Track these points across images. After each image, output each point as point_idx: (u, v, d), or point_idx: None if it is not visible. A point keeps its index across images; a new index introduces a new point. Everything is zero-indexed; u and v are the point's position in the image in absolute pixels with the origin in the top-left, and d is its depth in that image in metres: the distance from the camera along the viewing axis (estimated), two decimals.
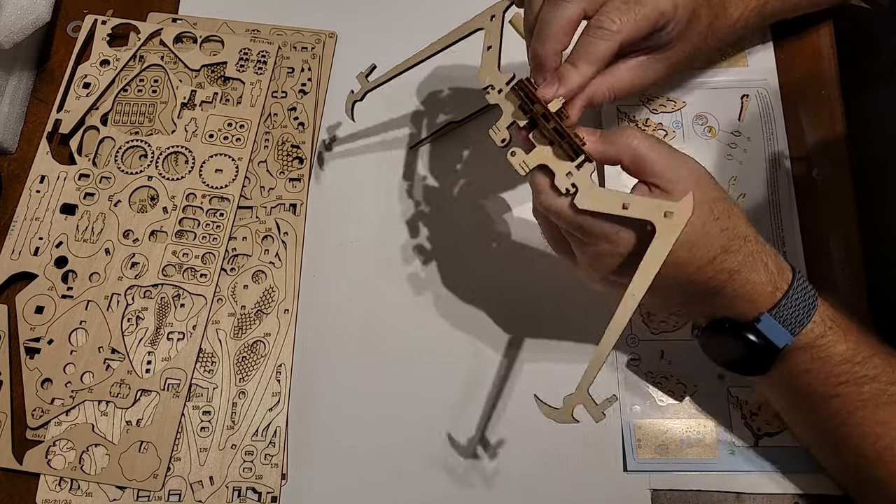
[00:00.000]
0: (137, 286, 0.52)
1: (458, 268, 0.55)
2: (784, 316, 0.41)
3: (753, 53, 0.59)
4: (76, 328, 0.51)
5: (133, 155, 0.56)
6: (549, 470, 0.50)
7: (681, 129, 0.57)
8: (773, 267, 0.42)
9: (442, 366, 0.52)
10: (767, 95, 0.58)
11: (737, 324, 0.42)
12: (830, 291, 0.52)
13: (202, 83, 0.59)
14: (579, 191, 0.39)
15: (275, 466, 0.49)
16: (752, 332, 0.41)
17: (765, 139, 0.57)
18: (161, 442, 0.49)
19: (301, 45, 0.60)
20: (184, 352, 0.51)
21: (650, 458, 0.50)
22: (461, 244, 0.55)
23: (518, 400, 0.51)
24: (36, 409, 0.49)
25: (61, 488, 0.48)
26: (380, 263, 0.55)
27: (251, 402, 0.50)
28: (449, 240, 0.55)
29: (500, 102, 0.43)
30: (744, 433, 0.50)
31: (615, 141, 0.40)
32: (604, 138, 0.40)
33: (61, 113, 0.57)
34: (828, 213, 0.55)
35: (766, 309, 0.41)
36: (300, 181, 0.56)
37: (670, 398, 0.51)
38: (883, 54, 0.63)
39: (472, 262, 0.55)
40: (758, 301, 0.41)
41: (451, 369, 0.52)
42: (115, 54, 0.59)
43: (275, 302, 0.53)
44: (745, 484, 0.49)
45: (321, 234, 0.56)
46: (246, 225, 0.55)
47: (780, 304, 0.41)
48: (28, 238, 0.54)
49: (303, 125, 0.58)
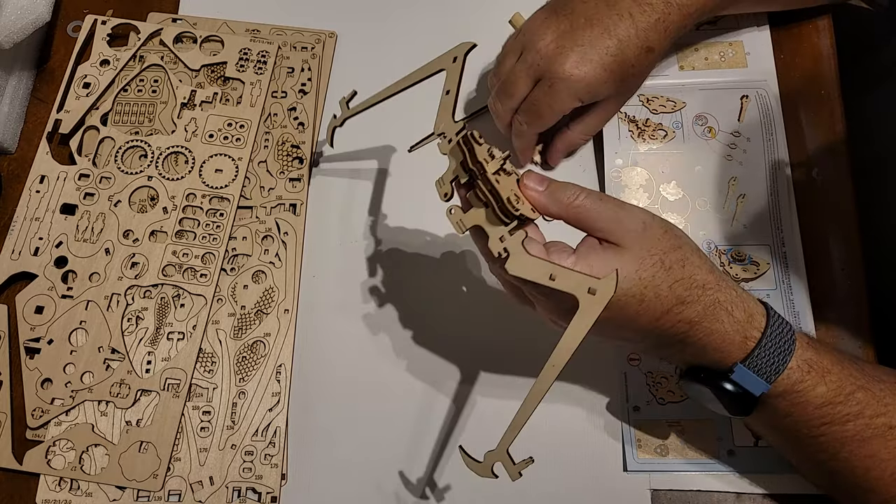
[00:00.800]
0: (137, 286, 0.52)
1: (458, 268, 0.55)
2: (758, 365, 0.40)
3: (753, 54, 0.59)
4: (76, 328, 0.51)
5: (133, 155, 0.56)
6: (549, 470, 0.50)
7: (681, 130, 0.57)
8: (740, 315, 0.40)
9: (443, 364, 0.52)
10: (767, 96, 0.58)
11: (711, 372, 0.41)
12: (830, 291, 0.53)
13: (202, 83, 0.59)
14: (510, 257, 0.38)
15: (275, 466, 0.49)
16: (727, 381, 0.40)
17: (764, 140, 0.57)
18: (161, 442, 0.49)
19: (301, 45, 0.60)
20: (184, 352, 0.51)
21: (650, 458, 0.50)
22: (461, 244, 0.55)
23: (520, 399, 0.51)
24: (36, 409, 0.49)
25: (61, 488, 0.48)
26: (380, 263, 0.55)
27: (251, 402, 0.50)
28: (449, 240, 0.55)
29: (448, 154, 0.42)
30: (744, 433, 0.50)
31: (558, 198, 0.40)
32: (548, 194, 0.40)
33: (61, 113, 0.57)
34: (828, 213, 0.55)
35: (738, 359, 0.40)
36: (300, 181, 0.56)
37: (670, 398, 0.51)
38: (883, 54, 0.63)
39: (473, 261, 0.55)
40: (728, 351, 0.40)
41: (453, 367, 0.52)
42: (115, 54, 0.59)
43: (275, 302, 0.53)
44: (745, 484, 0.49)
45: (321, 234, 0.56)
46: (246, 225, 0.55)
47: (753, 353, 0.40)
48: (28, 238, 0.54)
49: (303, 125, 0.58)
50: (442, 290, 0.54)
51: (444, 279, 0.54)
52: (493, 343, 0.53)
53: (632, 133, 0.57)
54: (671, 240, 0.40)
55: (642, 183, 0.56)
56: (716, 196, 0.55)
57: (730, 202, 0.55)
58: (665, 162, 0.56)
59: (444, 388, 0.52)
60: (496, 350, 0.52)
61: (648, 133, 0.57)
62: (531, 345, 0.53)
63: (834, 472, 0.43)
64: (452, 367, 0.52)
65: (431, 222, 0.56)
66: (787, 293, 0.53)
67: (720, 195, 0.55)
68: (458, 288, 0.54)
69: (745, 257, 0.54)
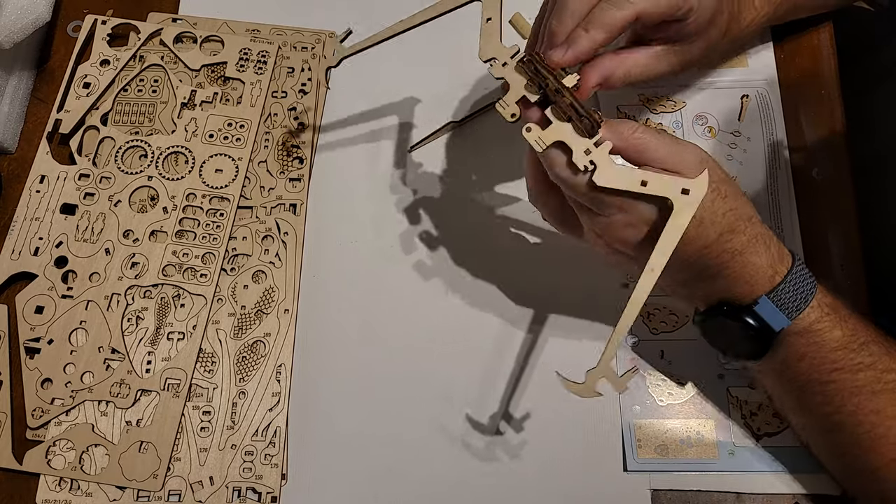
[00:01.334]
0: (137, 286, 0.52)
1: (458, 267, 0.55)
2: (782, 300, 0.41)
3: (753, 54, 0.59)
4: (76, 328, 0.51)
5: (133, 155, 0.56)
6: (548, 470, 0.50)
7: (681, 130, 0.57)
8: (774, 251, 0.42)
9: (441, 367, 0.52)
10: (767, 95, 0.58)
11: (734, 307, 0.42)
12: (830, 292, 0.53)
13: (202, 83, 0.59)
14: (598, 168, 0.39)
15: (275, 466, 0.49)
16: (750, 314, 0.42)
17: (764, 139, 0.57)
18: (161, 442, 0.49)
19: (301, 45, 0.60)
20: (184, 352, 0.51)
21: (650, 458, 0.50)
22: (462, 244, 0.55)
23: (518, 403, 0.51)
24: (36, 409, 0.49)
25: (61, 488, 0.48)
26: (380, 263, 0.55)
27: (251, 402, 0.50)
28: (449, 240, 0.55)
29: (507, 76, 0.42)
30: (744, 433, 0.50)
31: (619, 130, 0.40)
32: (608, 127, 0.40)
33: (61, 113, 0.57)
34: (828, 212, 0.55)
35: (764, 292, 0.41)
36: (300, 181, 0.56)
37: (670, 398, 0.51)
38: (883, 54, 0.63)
39: (473, 261, 0.55)
40: (757, 284, 0.41)
41: (451, 370, 0.52)
42: (115, 54, 0.59)
43: (275, 302, 0.53)
44: (745, 484, 0.49)
45: (321, 234, 0.56)
46: (246, 225, 0.55)
47: (779, 288, 0.41)
48: (28, 238, 0.54)
49: (303, 125, 0.58)
50: (444, 289, 0.54)
51: (444, 279, 0.54)
52: (495, 345, 0.53)
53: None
54: (724, 172, 0.41)
55: None
56: None
57: None
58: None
59: (444, 388, 0.52)
60: (497, 352, 0.52)
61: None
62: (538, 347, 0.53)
63: (836, 428, 0.43)
64: (453, 367, 0.52)
65: (432, 221, 0.56)
66: None
67: None
68: (459, 288, 0.54)
69: None
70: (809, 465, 0.49)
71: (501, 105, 0.42)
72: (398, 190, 0.57)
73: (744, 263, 0.41)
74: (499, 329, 0.53)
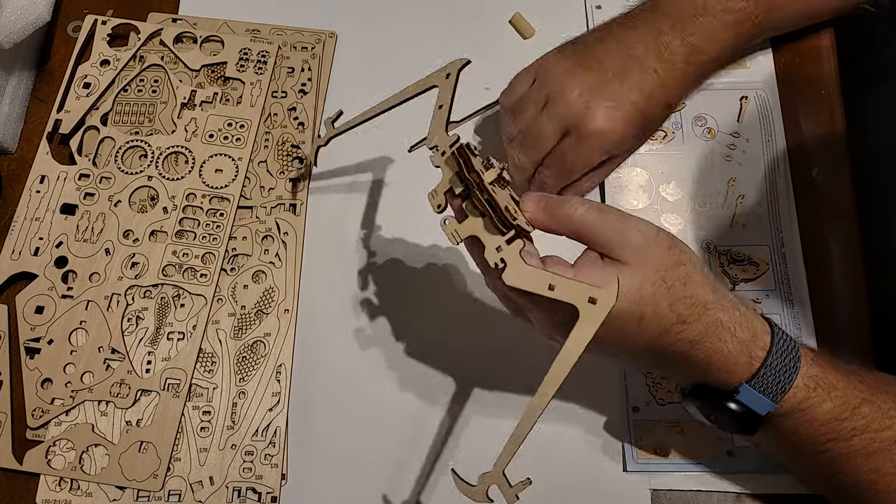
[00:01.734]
0: (137, 286, 0.52)
1: (458, 268, 0.55)
2: (764, 385, 0.39)
3: (752, 55, 0.59)
4: (76, 328, 0.51)
5: (133, 155, 0.56)
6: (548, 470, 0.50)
7: (680, 131, 0.57)
8: (743, 334, 0.40)
9: (443, 364, 0.52)
10: (766, 96, 0.58)
11: (715, 392, 0.41)
12: (830, 292, 0.53)
13: (202, 83, 0.59)
14: (507, 266, 0.37)
15: (275, 466, 0.49)
16: (732, 401, 0.40)
17: (764, 140, 0.57)
18: (161, 442, 0.49)
19: (301, 45, 0.60)
20: (184, 352, 0.51)
21: (650, 458, 0.50)
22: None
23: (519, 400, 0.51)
24: (36, 409, 0.49)
25: (61, 488, 0.48)
26: (380, 263, 0.55)
27: (251, 402, 0.50)
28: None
29: (442, 166, 0.42)
30: None
31: (556, 213, 0.39)
32: (546, 209, 0.39)
33: (61, 113, 0.57)
34: (828, 213, 0.55)
35: (744, 379, 0.39)
36: (300, 181, 0.56)
37: (670, 399, 0.51)
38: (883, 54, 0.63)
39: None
40: (733, 371, 0.40)
41: (452, 367, 0.52)
42: (115, 54, 0.59)
43: (275, 302, 0.53)
44: (745, 484, 0.49)
45: (321, 234, 0.56)
46: (246, 225, 0.55)
47: (759, 373, 0.39)
48: (28, 238, 0.54)
49: (303, 125, 0.58)
50: (443, 290, 0.54)
51: (445, 279, 0.54)
52: (493, 346, 0.53)
53: None
54: (675, 255, 0.39)
55: (642, 184, 0.56)
56: (715, 197, 0.55)
57: (729, 203, 0.55)
58: (664, 163, 0.56)
59: (444, 388, 0.52)
60: (495, 353, 0.52)
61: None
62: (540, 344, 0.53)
63: (839, 488, 0.42)
64: (453, 367, 0.52)
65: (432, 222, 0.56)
66: (787, 293, 0.53)
67: (719, 196, 0.55)
68: (460, 288, 0.54)
69: (744, 258, 0.54)
70: None
71: (431, 195, 0.42)
72: (398, 190, 0.57)
73: (708, 351, 0.39)
74: (499, 329, 0.53)
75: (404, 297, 0.54)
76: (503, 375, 0.52)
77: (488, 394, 0.52)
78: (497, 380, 0.52)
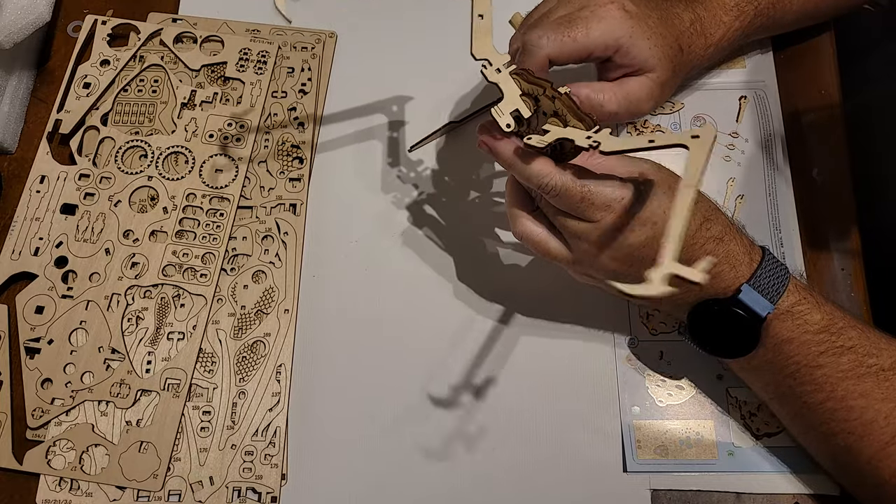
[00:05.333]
0: (137, 286, 0.52)
1: (458, 267, 0.55)
2: (762, 285, 0.43)
3: (751, 55, 0.59)
4: (76, 328, 0.51)
5: (133, 155, 0.56)
6: (548, 470, 0.50)
7: (679, 131, 0.57)
8: (745, 239, 0.45)
9: (442, 365, 0.52)
10: (766, 96, 0.58)
11: (719, 301, 0.44)
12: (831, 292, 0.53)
13: (202, 83, 0.59)
14: (602, 143, 0.40)
15: (275, 466, 0.49)
16: (736, 304, 0.43)
17: (763, 140, 0.57)
18: (161, 442, 0.49)
19: (301, 45, 0.60)
20: (184, 352, 0.51)
21: (650, 458, 0.50)
22: (462, 243, 0.55)
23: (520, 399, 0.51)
24: (36, 409, 0.49)
25: (61, 488, 0.48)
26: (379, 263, 0.55)
27: (251, 402, 0.50)
28: (449, 240, 0.55)
29: (501, 84, 0.43)
30: (743, 433, 0.50)
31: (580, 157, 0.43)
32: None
33: (61, 113, 0.57)
34: (827, 213, 0.55)
35: (745, 280, 0.43)
36: (300, 181, 0.56)
37: (670, 399, 0.51)
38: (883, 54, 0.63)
39: (474, 260, 0.55)
40: (738, 269, 0.44)
41: (453, 369, 0.52)
42: (115, 54, 0.59)
43: (275, 302, 0.53)
44: (745, 484, 0.49)
45: (321, 234, 0.56)
46: (246, 225, 0.55)
47: (757, 273, 0.43)
48: (28, 238, 0.54)
49: (303, 125, 0.58)
50: (444, 289, 0.54)
51: (444, 279, 0.54)
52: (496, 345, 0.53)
53: (630, 134, 0.57)
54: None
55: None
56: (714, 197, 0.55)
57: (728, 203, 0.55)
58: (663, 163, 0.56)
59: (444, 389, 0.52)
60: (498, 353, 0.52)
61: (647, 134, 0.57)
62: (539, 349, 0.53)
63: (829, 417, 0.44)
64: (453, 368, 0.52)
65: (432, 222, 0.56)
66: None
67: (718, 196, 0.55)
68: (459, 287, 0.54)
69: None
70: (809, 464, 0.49)
71: (497, 112, 0.43)
72: (398, 190, 0.57)
73: (726, 252, 0.44)
74: (500, 330, 0.53)
75: (405, 296, 0.54)
76: (505, 378, 0.52)
77: (490, 392, 0.52)
78: (499, 383, 0.52)
